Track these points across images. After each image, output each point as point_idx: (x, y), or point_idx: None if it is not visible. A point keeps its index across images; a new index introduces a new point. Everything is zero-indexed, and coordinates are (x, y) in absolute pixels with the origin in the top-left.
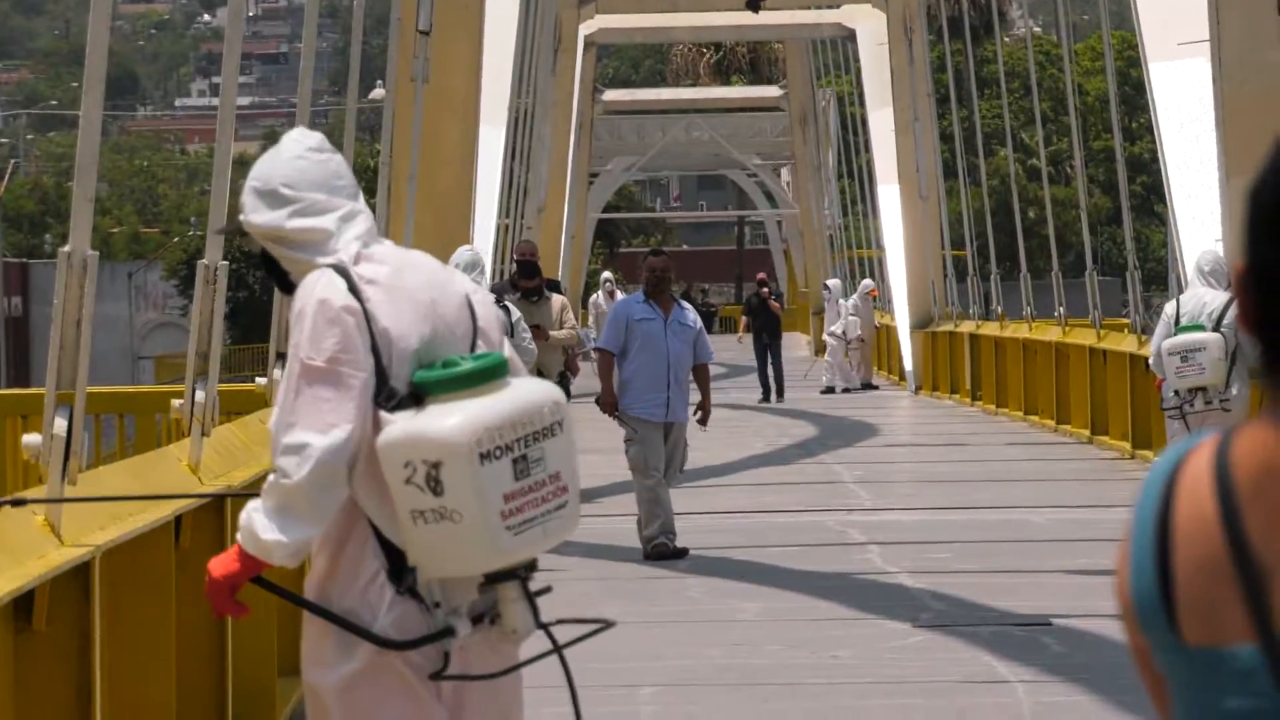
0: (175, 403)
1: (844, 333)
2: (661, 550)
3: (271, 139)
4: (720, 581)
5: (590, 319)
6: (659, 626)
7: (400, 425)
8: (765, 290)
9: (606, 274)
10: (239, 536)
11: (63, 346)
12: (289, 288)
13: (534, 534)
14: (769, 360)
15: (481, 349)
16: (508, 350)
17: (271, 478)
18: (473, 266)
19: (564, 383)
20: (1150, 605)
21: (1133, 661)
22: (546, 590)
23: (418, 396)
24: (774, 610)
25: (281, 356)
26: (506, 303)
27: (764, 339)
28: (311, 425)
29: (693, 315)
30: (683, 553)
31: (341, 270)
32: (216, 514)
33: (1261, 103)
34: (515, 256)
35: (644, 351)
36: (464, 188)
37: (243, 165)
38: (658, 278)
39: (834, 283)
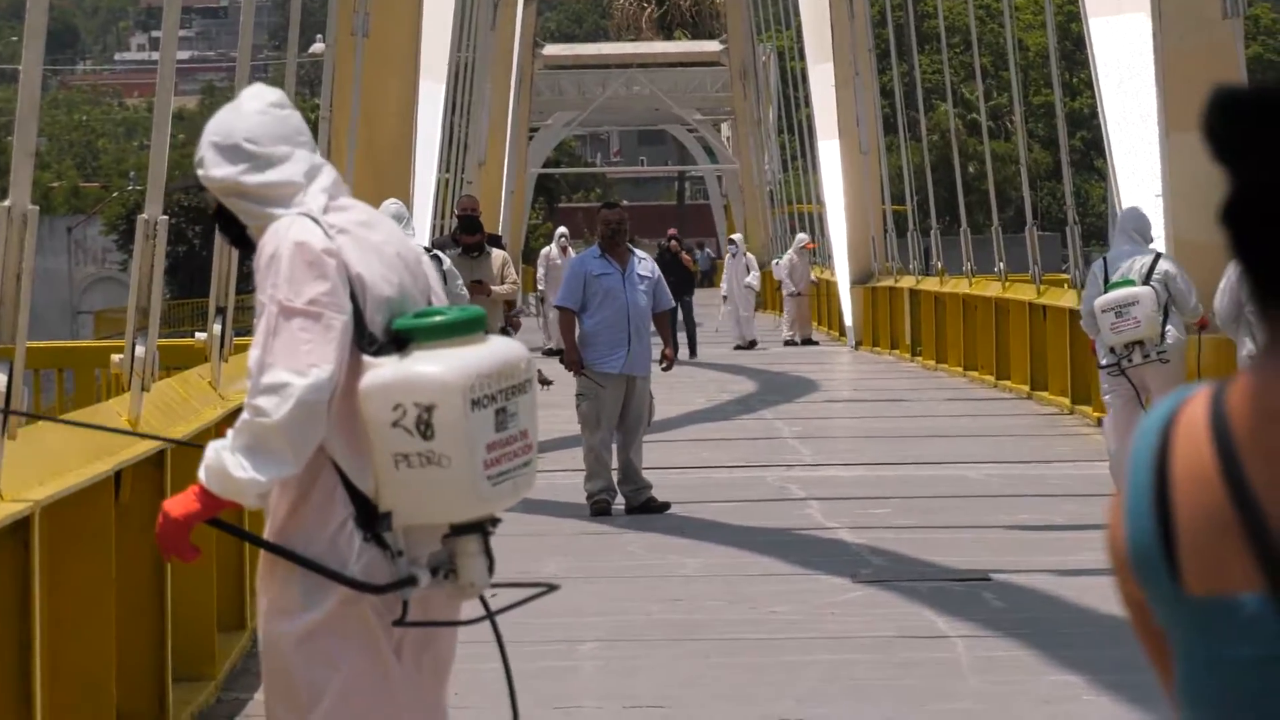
0: (115, 358)
1: (779, 286)
2: (603, 506)
3: (210, 93)
4: (660, 537)
5: (541, 271)
6: (600, 582)
7: (391, 368)
8: (675, 244)
9: (561, 229)
10: (202, 476)
11: (2, 301)
12: (245, 243)
13: (506, 487)
14: (680, 316)
15: (434, 303)
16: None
17: (245, 416)
18: (398, 219)
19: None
20: (1150, 557)
21: (1127, 614)
22: (556, 588)
23: (399, 343)
24: (714, 566)
25: (221, 311)
26: (438, 254)
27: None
28: (291, 365)
29: (650, 264)
30: (665, 506)
31: (312, 219)
32: (156, 468)
33: (1201, 58)
34: (457, 211)
35: (604, 306)
36: (404, 142)
37: (181, 120)
38: (613, 230)
39: (737, 237)
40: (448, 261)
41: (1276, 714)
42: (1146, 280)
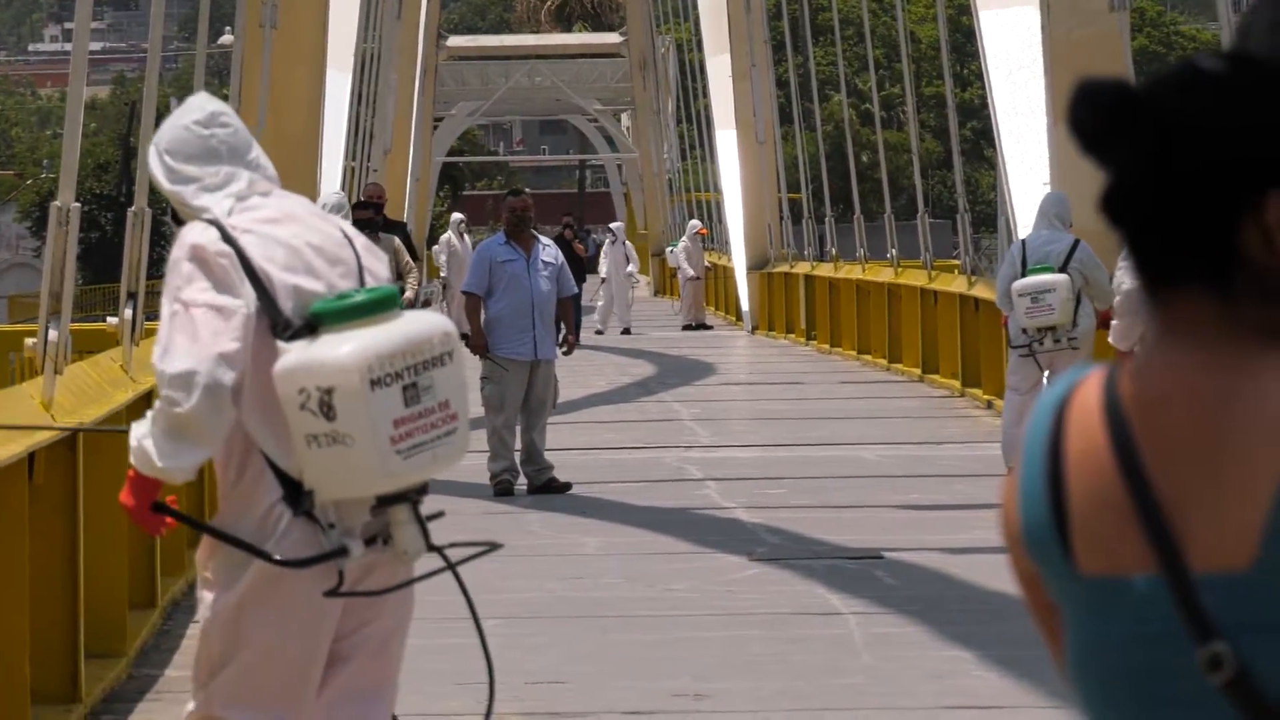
0: (28, 341)
1: (674, 273)
2: (505, 487)
3: (121, 84)
4: (561, 517)
5: (442, 258)
6: (502, 561)
7: (295, 354)
8: (569, 231)
9: (457, 215)
10: (132, 458)
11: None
12: None
13: (423, 458)
14: None
15: (370, 284)
16: (381, 279)
17: (159, 405)
18: (339, 209)
19: None
20: (1043, 536)
21: (1020, 590)
22: (439, 515)
23: (313, 327)
24: (613, 544)
25: (132, 296)
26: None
27: None
28: (194, 355)
29: (554, 251)
30: (566, 487)
31: (214, 223)
32: (70, 450)
33: (1088, 49)
34: (362, 198)
35: (509, 292)
36: (311, 132)
37: (93, 109)
38: (518, 218)
39: (616, 225)
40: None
41: (1165, 692)
42: (1064, 267)
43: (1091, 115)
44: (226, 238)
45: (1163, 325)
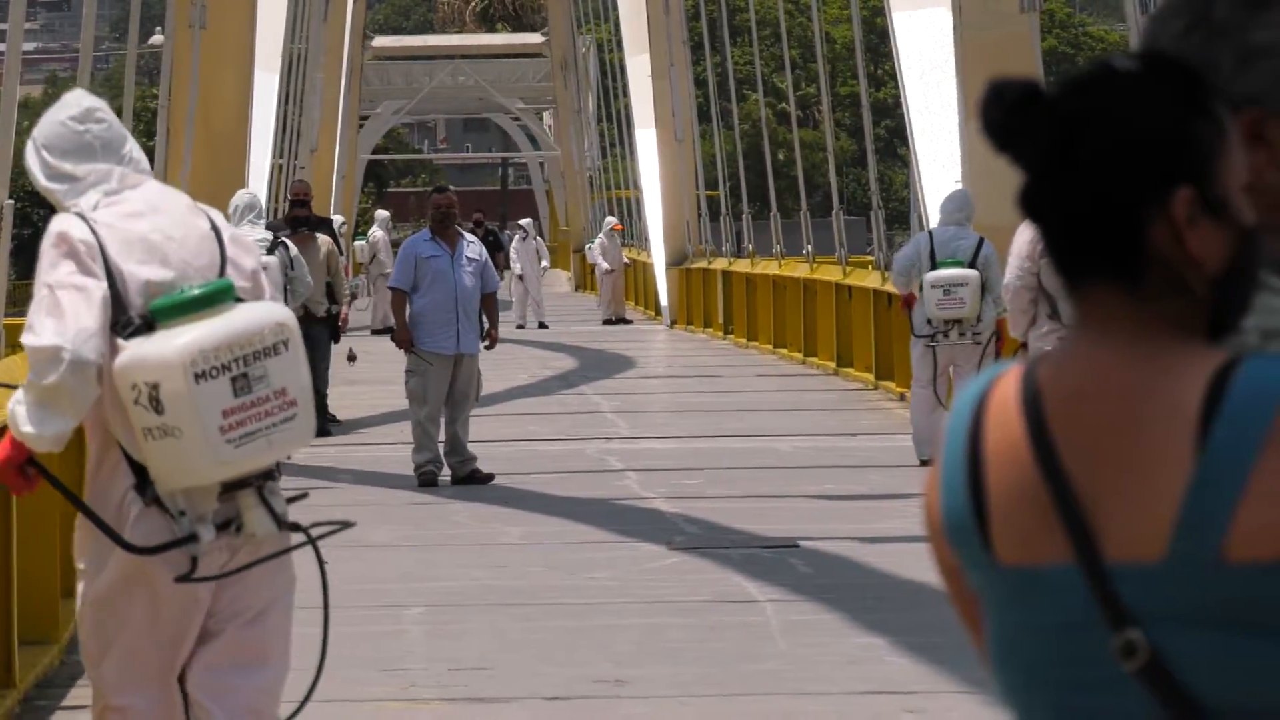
0: None
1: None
2: (429, 478)
3: (54, 83)
4: (484, 507)
5: (370, 255)
6: (426, 550)
7: (129, 351)
8: (480, 230)
9: (384, 212)
10: (9, 423)
11: None
12: None
13: (258, 445)
14: None
15: (231, 276)
16: (246, 274)
17: (29, 378)
18: (250, 208)
19: (334, 319)
20: (963, 527)
21: (941, 580)
22: (303, 496)
23: (151, 324)
24: (535, 534)
25: None
26: (285, 241)
27: None
28: (59, 332)
29: (478, 248)
30: (489, 478)
31: (79, 215)
32: None
33: (998, 50)
34: (289, 196)
35: (433, 288)
36: (239, 130)
37: (26, 108)
38: (443, 214)
39: (526, 221)
40: (294, 248)
41: (1082, 678)
42: (972, 263)
43: (1003, 114)
44: (91, 229)
45: (1079, 319)
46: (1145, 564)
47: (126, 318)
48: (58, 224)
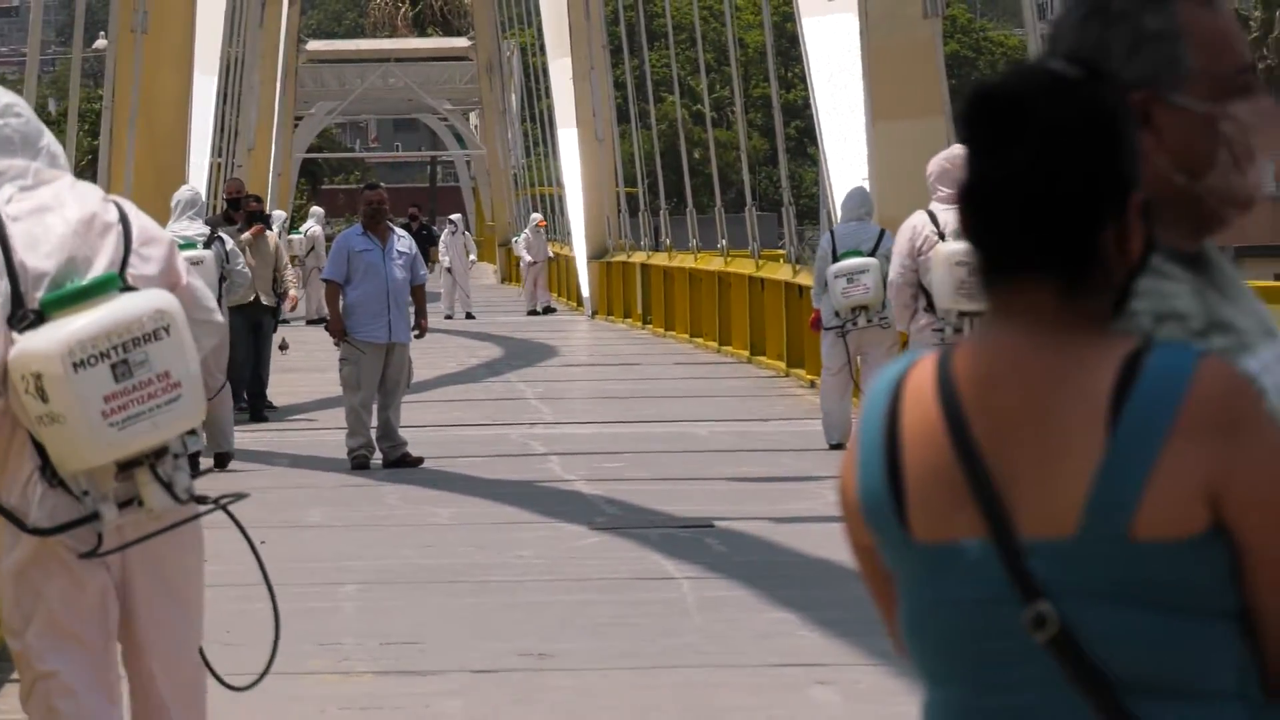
0: None
1: (518, 261)
2: (362, 461)
3: (4, 85)
4: (415, 489)
5: (315, 247)
6: (359, 530)
7: (19, 344)
8: (415, 224)
9: (319, 209)
10: None
11: None
12: None
13: (142, 427)
14: None
15: (137, 269)
16: (158, 264)
17: None
18: (191, 205)
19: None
20: (880, 506)
21: (855, 558)
22: (244, 496)
23: (42, 317)
24: (464, 515)
25: None
26: (221, 236)
27: None
28: None
29: (408, 242)
30: (419, 461)
31: None
32: None
33: (903, 54)
34: (224, 194)
35: (365, 280)
36: (180, 130)
37: None
38: (374, 210)
39: (456, 217)
40: (230, 242)
41: (994, 649)
42: (873, 252)
43: (989, 116)
44: None
45: (998, 309)
46: (1056, 541)
47: (23, 311)
48: None
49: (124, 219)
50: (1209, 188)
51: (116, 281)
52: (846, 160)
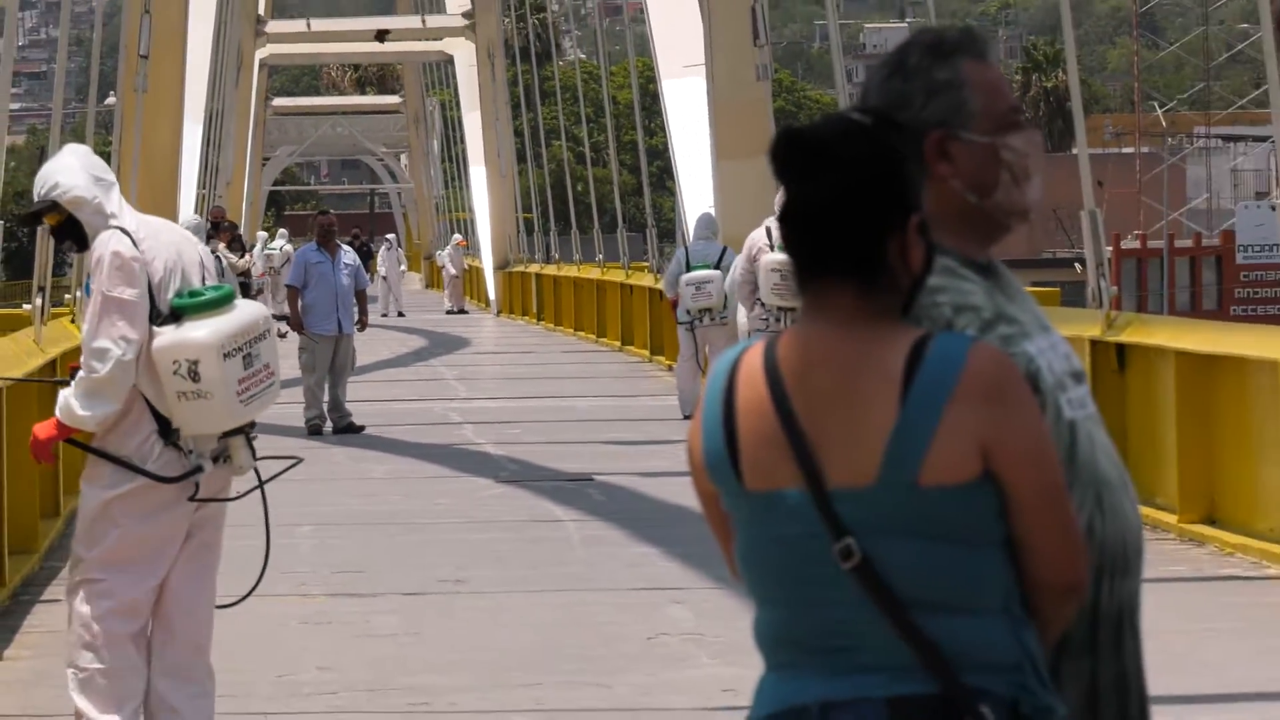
0: None
1: (441, 270)
2: (316, 428)
3: (33, 134)
4: (358, 450)
5: (282, 262)
6: (313, 483)
7: (167, 336)
8: (357, 242)
9: (283, 230)
10: (58, 412)
11: None
12: (85, 243)
13: (256, 404)
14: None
15: (207, 284)
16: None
17: (82, 372)
18: (197, 230)
19: None
20: (720, 463)
21: (701, 504)
22: (299, 461)
23: (176, 316)
24: (396, 470)
25: (42, 289)
26: (218, 254)
27: None
28: (110, 336)
29: (351, 256)
30: (361, 428)
31: (125, 231)
32: None
33: (742, 109)
34: (210, 218)
35: (319, 286)
36: (173, 168)
37: (12, 152)
38: (326, 231)
39: (391, 237)
40: (227, 259)
41: (811, 574)
42: (717, 265)
43: (795, 153)
44: (135, 244)
45: (810, 306)
46: (859, 489)
47: (157, 311)
48: (112, 242)
49: (199, 249)
50: (995, 204)
51: (230, 292)
52: (697, 191)
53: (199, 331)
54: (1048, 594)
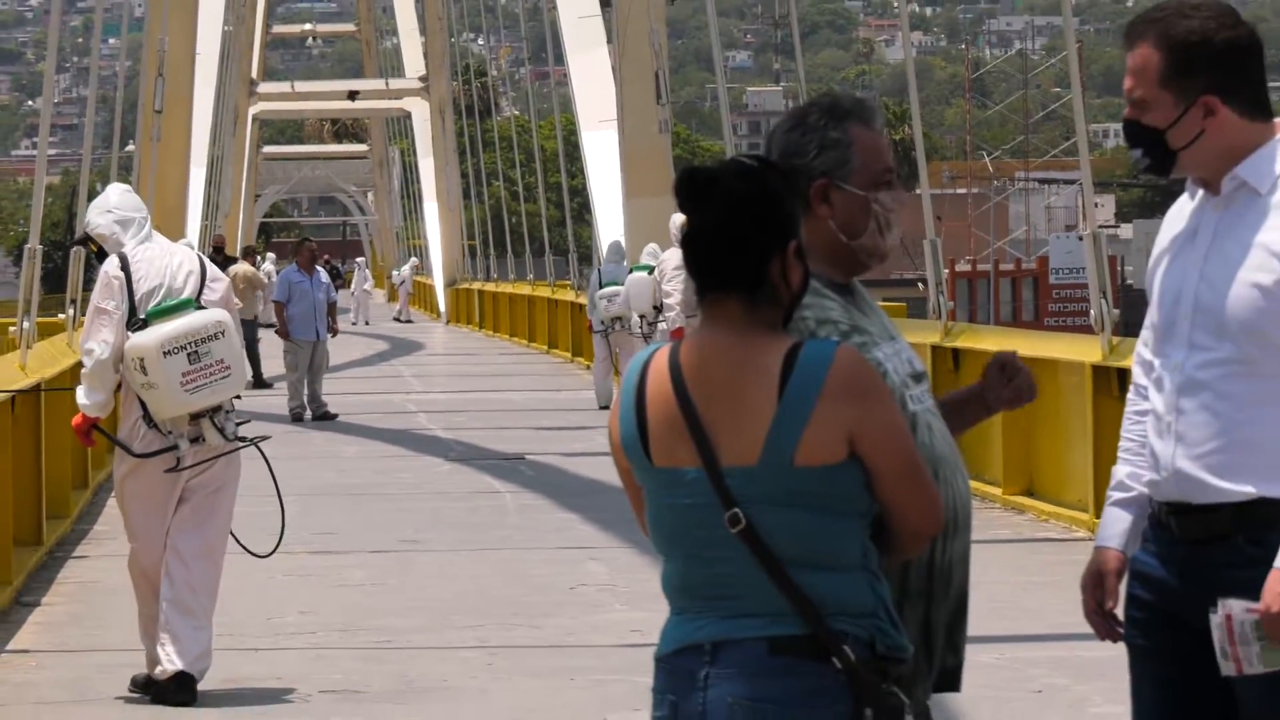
0: (11, 329)
1: (400, 285)
2: (298, 415)
3: (67, 175)
4: (332, 434)
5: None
6: (294, 460)
7: (133, 339)
8: (328, 266)
9: (271, 254)
10: (78, 403)
11: None
12: None
13: (205, 392)
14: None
15: (207, 296)
16: (219, 295)
17: (82, 369)
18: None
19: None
20: (633, 444)
21: (621, 478)
22: (265, 439)
23: (145, 323)
24: (365, 450)
25: (74, 301)
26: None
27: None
28: (95, 339)
29: (326, 276)
30: (335, 416)
31: (121, 256)
32: (36, 396)
33: (646, 156)
34: (213, 244)
35: (300, 301)
36: (181, 203)
37: (50, 190)
38: (307, 256)
39: (361, 260)
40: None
41: (706, 536)
42: (600, 284)
43: (693, 187)
44: (124, 266)
45: (706, 316)
46: (745, 467)
47: (135, 319)
48: (106, 265)
49: (201, 265)
50: (860, 245)
51: (192, 303)
52: (610, 223)
53: (145, 336)
54: (915, 539)
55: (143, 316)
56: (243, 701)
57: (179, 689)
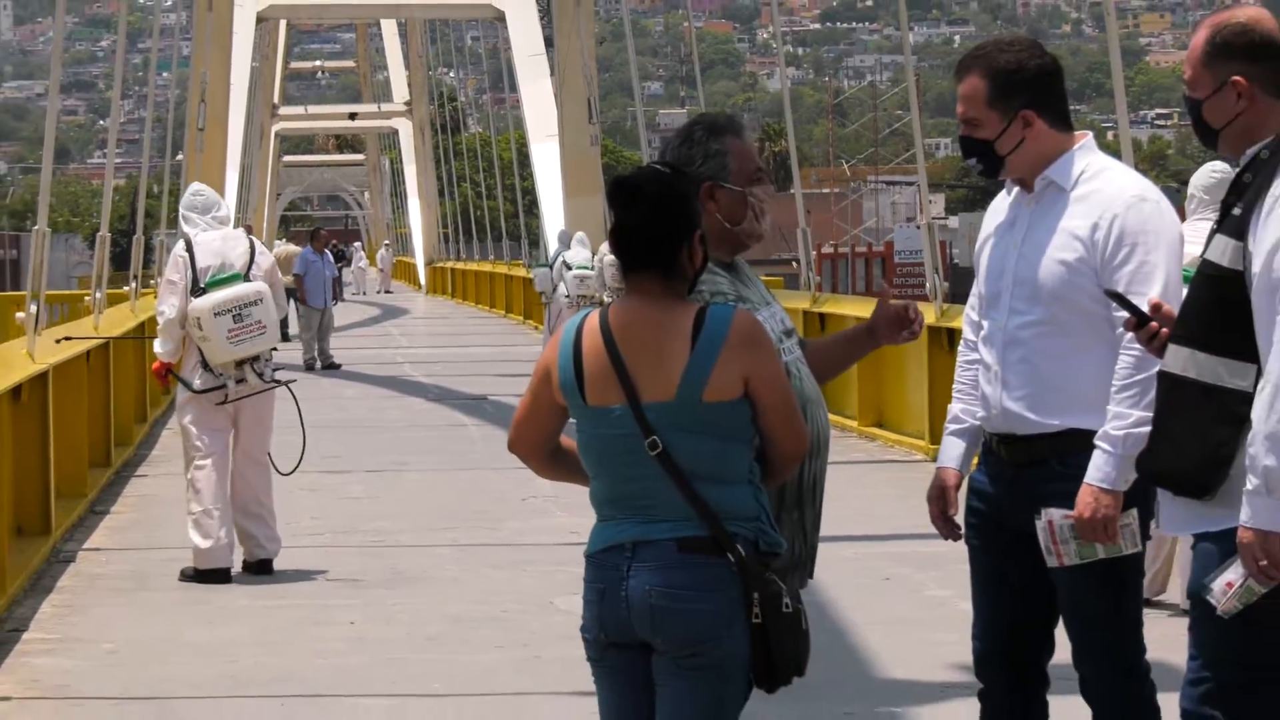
0: (86, 298)
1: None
2: (310, 365)
3: (130, 179)
4: (336, 380)
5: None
6: (305, 401)
7: (192, 303)
8: (333, 248)
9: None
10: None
11: (33, 272)
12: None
13: (246, 345)
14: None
15: (255, 273)
16: (264, 269)
17: (158, 326)
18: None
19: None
20: (571, 387)
21: (531, 393)
22: (292, 381)
23: (204, 291)
24: (363, 393)
25: (136, 277)
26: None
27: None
28: (165, 303)
29: (331, 258)
30: (339, 366)
31: (186, 239)
32: (42, 377)
33: (580, 164)
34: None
35: (313, 275)
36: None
37: (117, 190)
38: (323, 241)
39: (357, 245)
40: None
41: (629, 459)
42: (568, 267)
43: (622, 193)
44: (188, 247)
45: (630, 289)
46: (662, 403)
47: (198, 288)
48: (176, 246)
49: (252, 246)
50: (742, 230)
51: (240, 276)
52: (556, 217)
53: (202, 301)
54: (787, 461)
55: (203, 285)
56: (269, 584)
57: (259, 569)
